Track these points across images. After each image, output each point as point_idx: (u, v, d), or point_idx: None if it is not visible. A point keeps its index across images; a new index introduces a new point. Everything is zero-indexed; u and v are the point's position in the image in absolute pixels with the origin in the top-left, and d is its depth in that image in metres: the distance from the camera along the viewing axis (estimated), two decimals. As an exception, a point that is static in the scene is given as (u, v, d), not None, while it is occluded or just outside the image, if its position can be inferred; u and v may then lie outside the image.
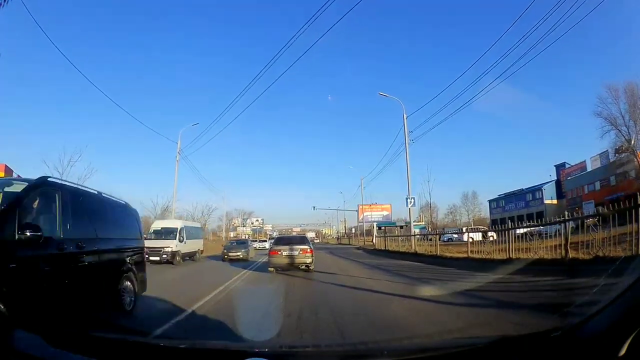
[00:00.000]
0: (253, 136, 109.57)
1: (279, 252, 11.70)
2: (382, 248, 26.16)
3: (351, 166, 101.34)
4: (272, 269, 11.87)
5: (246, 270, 14.03)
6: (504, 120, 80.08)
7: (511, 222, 12.38)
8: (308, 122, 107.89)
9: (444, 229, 48.09)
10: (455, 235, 27.15)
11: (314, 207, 58.65)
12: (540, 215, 40.26)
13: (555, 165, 47.78)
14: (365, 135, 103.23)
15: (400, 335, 3.92)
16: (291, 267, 11.62)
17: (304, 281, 10.17)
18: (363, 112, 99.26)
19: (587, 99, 57.07)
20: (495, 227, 19.09)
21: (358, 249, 36.72)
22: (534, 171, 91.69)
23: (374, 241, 45.26)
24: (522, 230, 11.75)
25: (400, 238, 25.42)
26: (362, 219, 51.21)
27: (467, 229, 21.25)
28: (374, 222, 49.12)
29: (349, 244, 55.82)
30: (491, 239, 14.62)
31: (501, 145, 78.26)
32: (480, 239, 15.93)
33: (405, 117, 22.02)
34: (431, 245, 18.94)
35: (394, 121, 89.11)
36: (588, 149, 77.54)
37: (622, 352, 1.17)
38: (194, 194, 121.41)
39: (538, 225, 12.83)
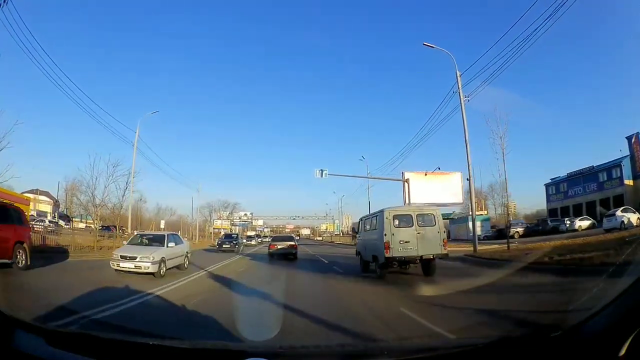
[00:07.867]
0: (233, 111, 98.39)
1: (275, 246, 19.31)
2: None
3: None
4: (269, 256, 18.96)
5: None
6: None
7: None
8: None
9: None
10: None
11: (321, 170, 28.07)
12: (618, 200, 31.35)
13: (626, 137, 35.30)
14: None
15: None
16: (283, 255, 18.29)
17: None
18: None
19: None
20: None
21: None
22: (586, 152, 68.63)
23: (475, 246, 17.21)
24: None
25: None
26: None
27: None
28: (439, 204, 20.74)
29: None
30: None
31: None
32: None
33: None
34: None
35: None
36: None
37: (622, 352, 1.18)
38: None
39: None
